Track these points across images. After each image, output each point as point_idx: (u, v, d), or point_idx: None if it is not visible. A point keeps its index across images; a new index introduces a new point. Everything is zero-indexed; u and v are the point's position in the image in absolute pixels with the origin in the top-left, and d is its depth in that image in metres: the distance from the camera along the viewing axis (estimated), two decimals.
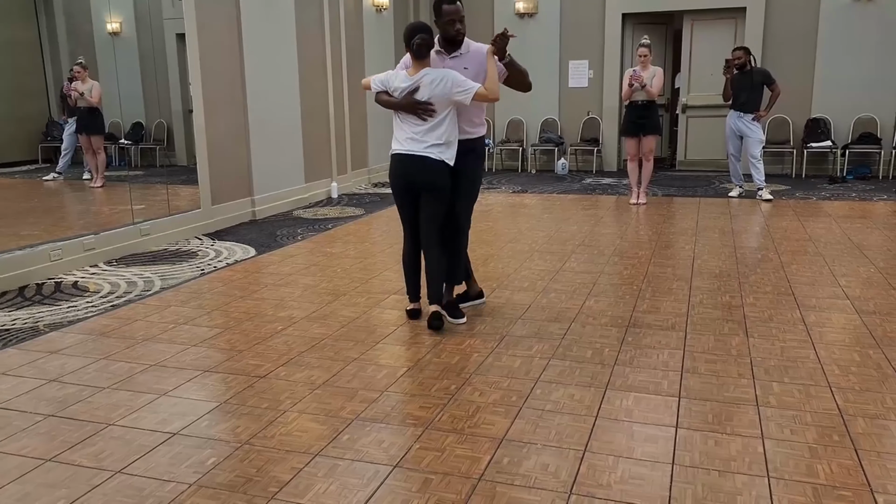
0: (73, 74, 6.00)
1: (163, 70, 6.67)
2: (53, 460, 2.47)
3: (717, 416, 2.73)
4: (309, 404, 2.88)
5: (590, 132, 10.75)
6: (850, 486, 2.23)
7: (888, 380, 3.05)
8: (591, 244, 5.77)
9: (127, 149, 6.55)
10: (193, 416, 2.78)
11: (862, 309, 4.02)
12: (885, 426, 2.63)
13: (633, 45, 10.15)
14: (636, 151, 7.69)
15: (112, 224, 5.69)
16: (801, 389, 2.96)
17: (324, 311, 4.10)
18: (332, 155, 8.61)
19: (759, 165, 7.87)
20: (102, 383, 3.12)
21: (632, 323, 3.84)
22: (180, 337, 3.71)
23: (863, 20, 9.39)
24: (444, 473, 2.34)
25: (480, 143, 3.92)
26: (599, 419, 2.71)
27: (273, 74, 7.34)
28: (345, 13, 8.68)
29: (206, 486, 2.28)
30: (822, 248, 5.53)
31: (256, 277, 4.91)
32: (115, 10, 6.30)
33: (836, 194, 8.22)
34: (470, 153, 3.81)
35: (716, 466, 2.36)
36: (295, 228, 6.64)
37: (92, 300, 4.39)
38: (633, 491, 2.23)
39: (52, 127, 6.17)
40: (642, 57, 7.48)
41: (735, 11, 9.94)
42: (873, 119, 9.52)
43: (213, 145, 6.52)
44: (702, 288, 4.49)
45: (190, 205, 6.43)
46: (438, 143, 3.62)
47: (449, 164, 3.66)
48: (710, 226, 6.48)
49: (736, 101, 7.86)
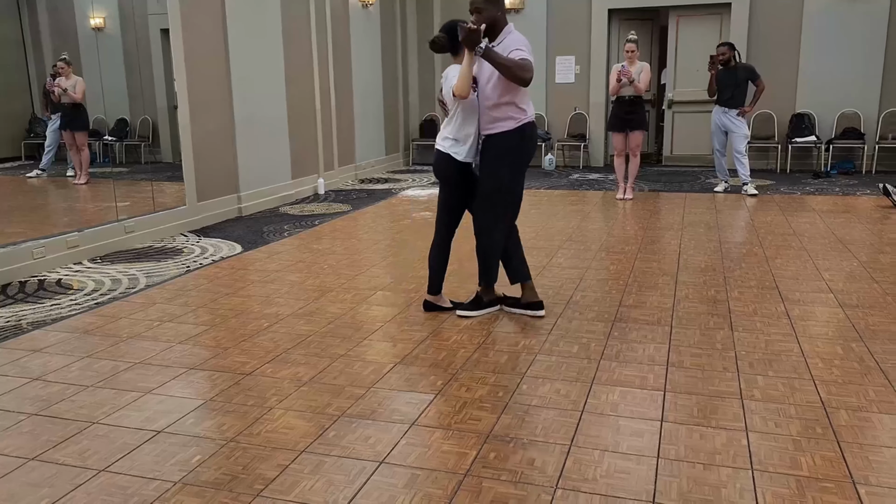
0: (56, 70, 5.94)
1: (147, 66, 6.61)
2: (37, 459, 2.45)
3: (702, 409, 2.75)
4: (295, 401, 2.87)
5: (577, 128, 10.77)
6: (833, 478, 2.25)
7: (870, 372, 3.08)
8: (577, 239, 5.78)
9: (111, 145, 6.49)
10: (178, 414, 2.77)
11: (845, 302, 4.06)
12: (867, 418, 2.65)
13: (620, 41, 10.19)
14: (623, 147, 7.72)
15: (96, 221, 5.64)
16: (784, 382, 2.98)
17: (310, 308, 4.09)
18: (318, 151, 8.58)
19: (744, 161, 7.92)
20: (86, 381, 3.10)
21: (618, 318, 3.85)
22: (165, 334, 3.69)
23: (846, 16, 9.45)
24: (431, 469, 2.34)
25: (498, 139, 3.71)
26: (585, 414, 2.72)
27: (259, 70, 7.30)
28: (331, 9, 8.64)
29: (192, 484, 2.27)
30: (806, 242, 5.57)
31: (242, 274, 4.88)
32: (99, 5, 6.24)
33: (820, 189, 8.29)
34: (486, 151, 3.77)
35: (700, 460, 2.38)
36: (281, 225, 6.62)
37: (76, 298, 4.36)
38: (619, 485, 2.24)
39: (36, 123, 6.11)
40: (629, 53, 7.50)
41: (720, 7, 9.99)
42: (856, 114, 9.59)
43: (198, 142, 6.48)
44: (687, 282, 4.51)
45: (175, 201, 6.39)
46: (449, 137, 3.79)
47: (455, 159, 3.76)
48: (695, 221, 6.52)
49: (721, 97, 7.90)
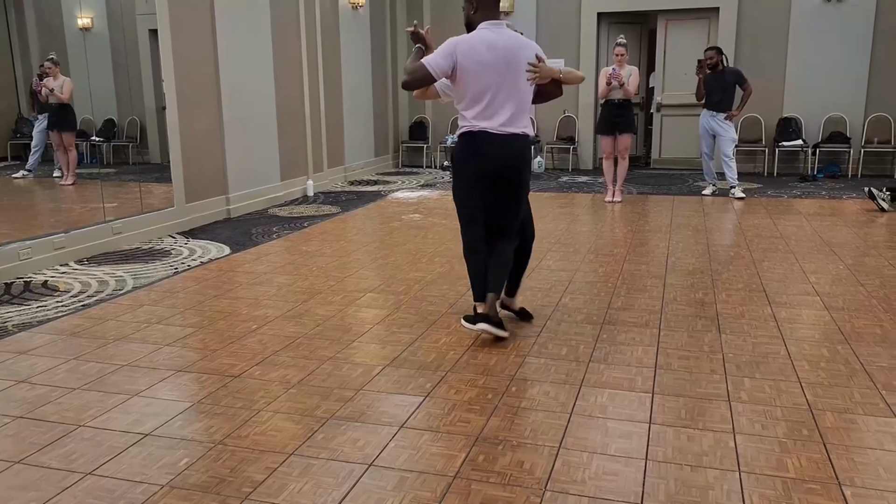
0: (43, 70, 5.90)
1: (135, 66, 6.58)
2: (23, 462, 2.43)
3: (690, 411, 2.76)
4: (283, 403, 2.86)
5: (566, 131, 10.81)
6: (819, 480, 2.27)
7: (856, 374, 3.10)
8: (566, 242, 5.80)
9: (99, 146, 6.45)
10: (166, 417, 2.76)
11: (831, 305, 4.09)
12: (853, 420, 2.68)
13: (609, 45, 10.23)
14: (612, 150, 7.75)
15: (83, 222, 5.60)
16: (771, 385, 3.00)
17: (299, 310, 4.08)
18: (308, 153, 8.56)
19: (731, 164, 7.97)
20: (73, 384, 3.08)
21: (607, 320, 3.86)
22: (153, 336, 3.67)
23: (833, 21, 9.54)
24: (420, 472, 2.34)
25: (458, 143, 3.62)
26: (574, 416, 2.73)
27: (248, 71, 7.28)
28: (321, 10, 8.63)
29: (179, 487, 2.26)
30: (793, 245, 5.62)
31: (231, 276, 4.87)
32: (87, 5, 6.20)
33: (807, 192, 8.35)
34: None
35: (688, 461, 2.39)
36: (270, 227, 6.60)
37: (62, 300, 4.33)
38: (607, 486, 2.25)
39: (22, 124, 6.06)
40: (619, 56, 7.53)
41: (708, 11, 10.05)
42: (843, 119, 9.68)
43: (187, 143, 6.45)
44: (675, 285, 4.53)
45: (163, 203, 6.36)
46: None
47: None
48: (683, 223, 6.55)
49: (709, 101, 7.96)
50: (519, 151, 3.54)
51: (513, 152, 3.51)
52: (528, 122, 3.56)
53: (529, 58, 3.48)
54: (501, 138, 3.46)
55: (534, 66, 3.46)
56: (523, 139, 3.52)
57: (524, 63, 3.46)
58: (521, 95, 3.49)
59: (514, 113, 3.47)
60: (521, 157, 3.56)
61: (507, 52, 3.44)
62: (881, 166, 9.64)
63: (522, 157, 3.57)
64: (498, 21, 3.51)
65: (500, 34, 3.47)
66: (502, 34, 3.48)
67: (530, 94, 3.57)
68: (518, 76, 3.45)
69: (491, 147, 3.47)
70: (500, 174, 3.52)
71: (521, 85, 3.48)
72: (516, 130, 3.48)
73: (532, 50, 3.52)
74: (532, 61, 3.47)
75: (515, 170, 3.54)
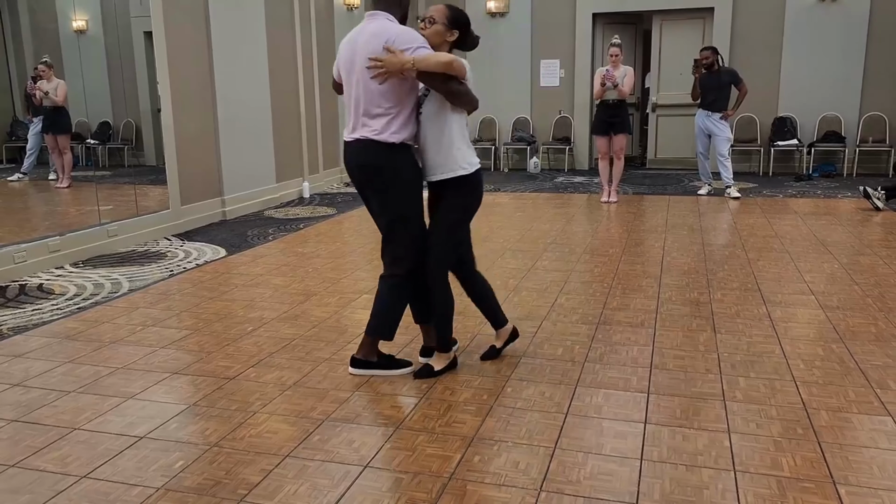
0: (37, 73, 5.89)
1: (130, 69, 6.57)
2: (17, 466, 2.43)
3: (685, 411, 2.76)
4: (279, 405, 2.86)
5: (561, 131, 10.82)
6: (814, 479, 2.28)
7: (850, 373, 3.11)
8: (562, 242, 5.80)
9: (94, 148, 6.44)
10: (161, 419, 2.75)
11: (826, 304, 4.10)
12: (847, 419, 2.68)
13: (604, 45, 10.24)
14: (607, 150, 7.76)
15: (78, 225, 5.59)
16: (766, 384, 3.01)
17: (295, 312, 4.08)
18: (303, 154, 8.56)
19: (727, 164, 7.99)
20: (68, 387, 3.07)
21: (602, 320, 3.87)
22: (148, 339, 3.66)
23: (827, 20, 9.57)
24: (415, 472, 2.34)
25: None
26: (569, 416, 2.74)
27: (243, 73, 7.27)
28: (315, 11, 8.63)
29: (174, 490, 2.26)
30: (788, 244, 5.63)
31: (226, 278, 4.86)
32: (81, 7, 6.19)
33: (802, 192, 8.37)
34: None
35: (683, 461, 2.39)
36: (266, 228, 6.59)
37: (57, 303, 4.32)
38: (602, 486, 2.25)
39: (17, 126, 6.05)
40: (614, 57, 7.54)
41: (703, 12, 10.07)
42: (838, 118, 9.70)
43: (182, 145, 6.44)
44: (671, 285, 4.54)
45: (159, 205, 6.35)
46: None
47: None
48: (679, 223, 6.56)
49: (704, 101, 7.97)
50: (364, 159, 3.02)
51: (358, 159, 3.04)
52: (385, 125, 2.94)
53: (376, 50, 2.89)
54: (348, 145, 3.06)
55: (376, 59, 2.87)
56: (369, 143, 2.97)
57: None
58: (369, 96, 2.94)
59: (363, 115, 2.98)
60: (367, 164, 3.02)
61: (358, 46, 2.96)
62: (876, 165, 9.67)
63: (369, 164, 3.01)
64: (374, 12, 3.01)
65: (363, 28, 3.00)
66: (366, 28, 2.99)
67: (391, 93, 2.93)
68: (364, 73, 2.93)
69: (346, 156, 3.10)
70: (360, 186, 3.13)
71: (370, 84, 2.93)
72: (359, 135, 2.99)
73: (380, 40, 2.89)
74: (377, 55, 2.88)
75: (366, 181, 3.08)
